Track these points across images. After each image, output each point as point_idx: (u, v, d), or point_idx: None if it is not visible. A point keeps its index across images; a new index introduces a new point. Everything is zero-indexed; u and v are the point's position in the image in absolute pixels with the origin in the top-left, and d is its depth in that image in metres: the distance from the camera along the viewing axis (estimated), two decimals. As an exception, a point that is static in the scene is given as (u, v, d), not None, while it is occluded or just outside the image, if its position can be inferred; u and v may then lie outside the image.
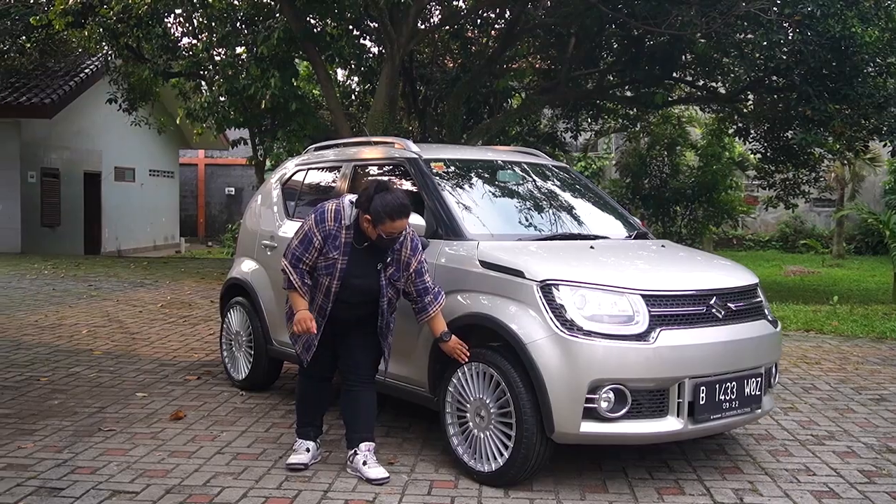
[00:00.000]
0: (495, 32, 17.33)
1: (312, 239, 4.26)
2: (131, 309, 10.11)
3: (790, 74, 12.92)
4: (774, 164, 17.40)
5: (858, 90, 12.76)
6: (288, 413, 5.60)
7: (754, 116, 16.61)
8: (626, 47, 15.78)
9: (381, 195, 4.11)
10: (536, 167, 5.60)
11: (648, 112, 19.55)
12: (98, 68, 18.58)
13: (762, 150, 17.03)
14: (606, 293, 4.04)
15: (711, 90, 16.44)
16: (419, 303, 4.31)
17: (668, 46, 14.58)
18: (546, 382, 3.92)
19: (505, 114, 16.63)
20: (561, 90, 16.53)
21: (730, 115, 17.83)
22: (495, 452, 4.14)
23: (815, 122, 13.61)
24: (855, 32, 12.07)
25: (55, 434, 5.03)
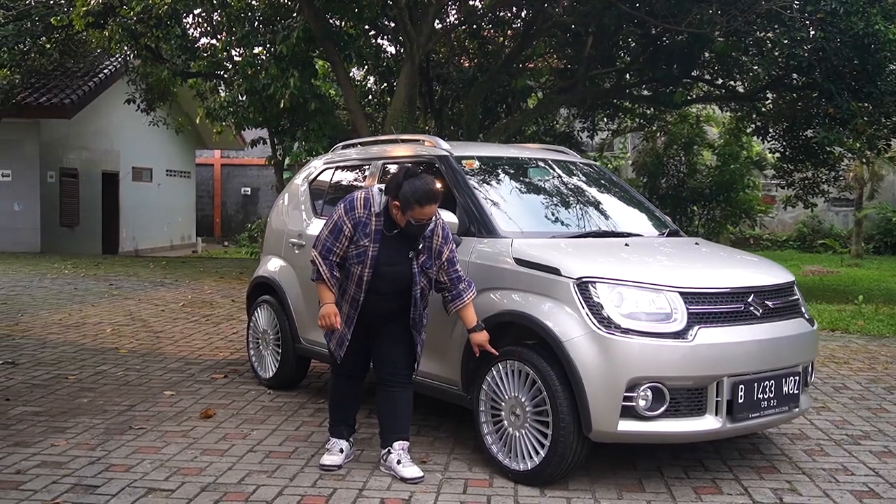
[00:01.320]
0: (511, 32, 17.32)
1: (343, 227, 4.25)
2: (153, 308, 10.14)
3: (812, 72, 12.82)
4: (793, 164, 17.26)
5: (882, 88, 12.66)
6: (317, 411, 5.59)
7: (773, 115, 16.52)
8: (645, 46, 15.72)
9: (409, 181, 4.10)
10: (566, 164, 5.57)
11: (666, 111, 19.50)
12: (117, 69, 18.66)
13: (781, 150, 16.91)
14: (644, 291, 4.00)
15: (730, 89, 16.35)
16: (453, 290, 4.27)
17: (687, 45, 14.51)
18: (584, 380, 3.89)
19: (523, 113, 16.59)
20: (579, 89, 16.47)
21: (748, 114, 17.73)
22: (531, 451, 4.12)
23: (837, 121, 13.53)
24: (878, 30, 11.98)
25: (87, 432, 5.04)
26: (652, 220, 5.29)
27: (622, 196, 5.50)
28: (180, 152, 24.20)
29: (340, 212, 4.28)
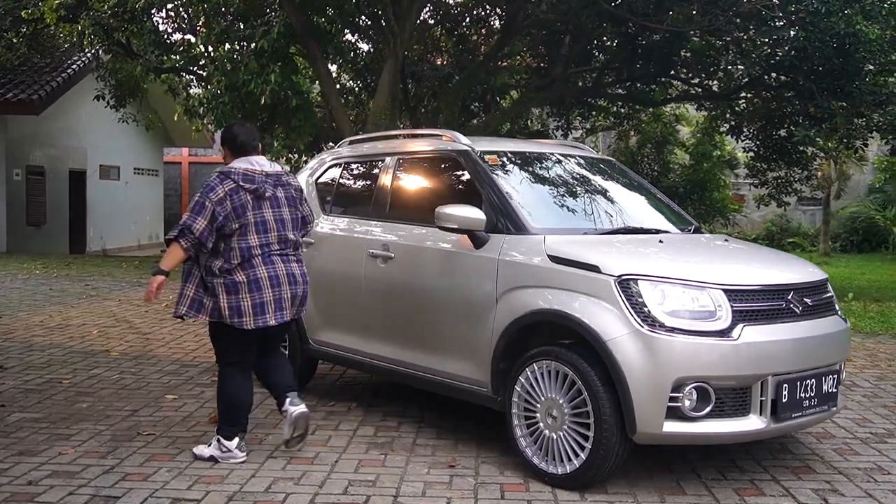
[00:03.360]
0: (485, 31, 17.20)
1: None
2: (135, 309, 9.85)
3: (793, 72, 12.90)
4: (767, 163, 17.39)
5: (861, 87, 12.79)
6: (329, 414, 5.43)
7: (748, 115, 16.61)
8: (623, 45, 15.71)
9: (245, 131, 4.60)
10: (586, 160, 5.46)
11: (640, 110, 19.55)
12: (85, 64, 18.21)
13: (755, 149, 17.03)
14: (687, 288, 3.91)
15: (707, 88, 16.41)
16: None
17: (665, 44, 14.51)
18: (628, 381, 3.78)
19: (502, 111, 16.51)
20: (557, 88, 16.44)
21: (722, 114, 17.83)
22: (570, 454, 4.00)
23: (817, 120, 13.64)
24: (859, 30, 12.08)
25: (93, 439, 4.81)
26: (674, 217, 5.20)
27: (642, 192, 5.41)
28: (148, 150, 23.73)
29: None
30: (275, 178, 4.51)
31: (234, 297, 4.35)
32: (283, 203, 4.50)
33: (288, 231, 4.50)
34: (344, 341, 5.47)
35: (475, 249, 4.52)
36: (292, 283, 4.47)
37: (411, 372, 4.95)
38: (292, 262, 4.52)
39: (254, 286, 4.35)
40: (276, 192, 4.48)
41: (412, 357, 4.92)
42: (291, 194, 4.57)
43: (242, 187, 4.38)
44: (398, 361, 5.03)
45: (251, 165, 4.47)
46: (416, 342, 4.90)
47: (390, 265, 5.04)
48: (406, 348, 4.97)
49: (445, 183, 5.18)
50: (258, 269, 4.37)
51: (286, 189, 4.54)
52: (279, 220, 4.47)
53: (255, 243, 4.38)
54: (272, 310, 4.39)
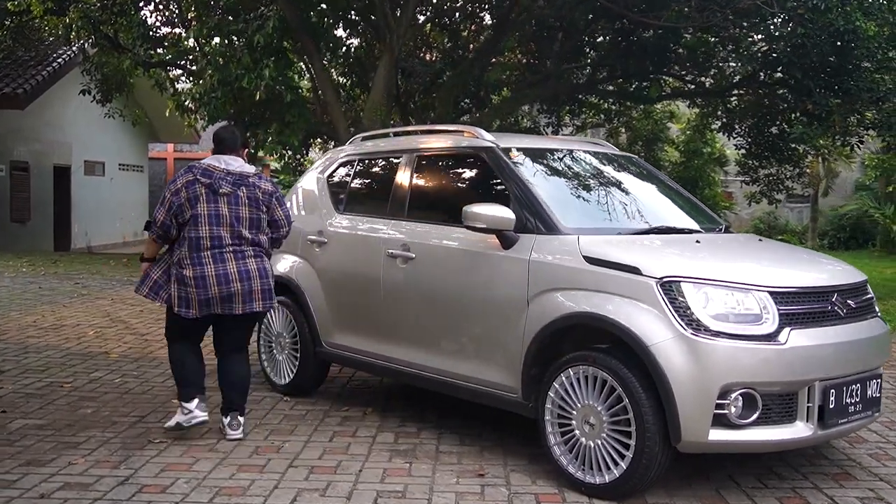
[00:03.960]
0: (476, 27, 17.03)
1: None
2: (130, 308, 9.61)
3: (791, 69, 12.81)
4: (758, 160, 17.35)
5: (858, 85, 12.72)
6: (345, 420, 5.24)
7: (741, 112, 16.55)
8: (617, 41, 15.60)
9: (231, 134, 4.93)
10: (609, 157, 5.31)
11: (631, 107, 19.45)
12: (70, 58, 17.88)
13: (746, 146, 16.98)
14: (732, 290, 3.76)
15: (700, 85, 16.32)
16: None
17: (660, 40, 14.40)
18: (672, 387, 3.63)
19: (495, 107, 16.35)
20: (551, 84, 16.30)
21: (714, 111, 17.76)
22: (609, 463, 3.85)
23: (815, 117, 13.58)
24: (858, 26, 12.02)
25: (102, 447, 4.61)
26: (703, 216, 5.06)
27: (668, 190, 5.27)
28: (133, 146, 23.38)
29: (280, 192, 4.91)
30: (237, 177, 4.73)
31: (184, 288, 4.68)
32: (244, 202, 4.70)
33: (243, 228, 4.69)
34: (360, 344, 5.29)
35: (504, 250, 4.36)
36: (244, 279, 4.67)
37: (434, 376, 4.78)
38: (248, 258, 4.72)
39: (200, 282, 4.62)
40: (236, 191, 4.69)
41: (435, 361, 4.75)
42: (256, 195, 4.75)
43: (199, 181, 4.67)
44: (420, 365, 4.86)
45: (216, 162, 4.76)
46: (439, 345, 4.72)
47: (411, 266, 4.86)
48: (429, 352, 4.79)
49: (468, 181, 5.01)
50: (206, 267, 4.63)
51: (251, 189, 4.73)
52: (235, 217, 4.68)
53: (204, 234, 4.63)
54: (217, 304, 4.67)
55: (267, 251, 4.88)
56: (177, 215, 4.66)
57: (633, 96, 16.40)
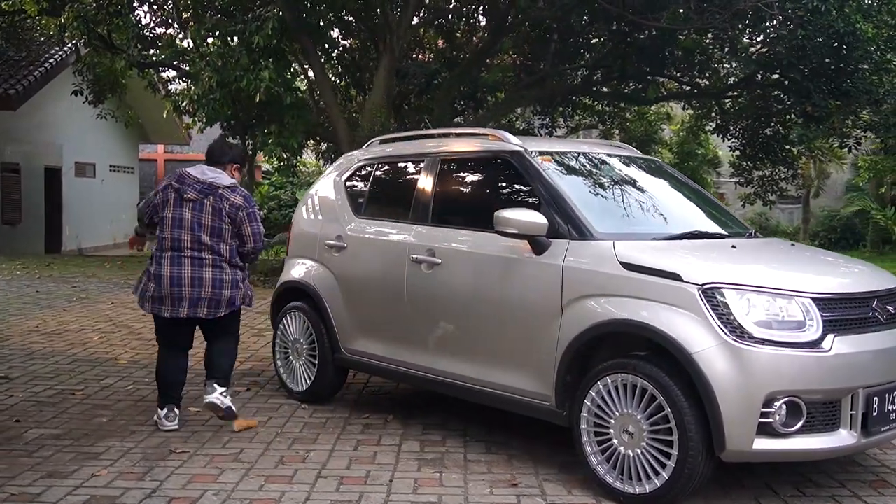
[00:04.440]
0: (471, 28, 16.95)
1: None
2: (132, 312, 9.47)
3: (792, 70, 12.81)
4: (753, 161, 17.38)
5: (858, 86, 12.75)
6: (367, 428, 5.16)
7: (736, 113, 16.57)
8: (614, 42, 15.57)
9: (234, 147, 5.26)
10: (634, 160, 5.26)
11: (624, 108, 19.45)
12: (62, 58, 17.69)
13: (741, 147, 17.00)
14: (775, 297, 3.70)
15: (697, 86, 16.31)
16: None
17: (658, 42, 14.38)
18: (717, 395, 3.57)
19: (492, 109, 16.28)
20: (548, 85, 16.26)
21: (708, 112, 17.77)
22: (649, 472, 3.78)
23: (814, 119, 13.60)
24: (858, 28, 12.03)
25: (124, 458, 4.51)
26: (731, 220, 5.01)
27: (694, 194, 5.21)
28: (123, 147, 23.17)
29: (256, 210, 5.05)
30: (206, 186, 4.92)
31: (143, 284, 5.03)
32: (208, 210, 4.89)
33: (204, 235, 4.87)
34: (381, 350, 5.21)
35: (535, 255, 4.29)
36: (195, 286, 4.87)
37: (460, 383, 4.70)
38: (205, 266, 4.90)
39: (155, 280, 4.91)
40: (202, 199, 4.89)
41: (462, 367, 4.67)
42: (222, 206, 4.91)
43: (172, 185, 4.95)
44: (445, 372, 4.78)
45: (193, 171, 5.01)
46: (467, 352, 4.65)
47: (437, 271, 4.78)
48: (455, 358, 4.71)
49: (495, 185, 4.94)
50: (163, 267, 4.89)
51: (217, 200, 4.90)
52: (196, 222, 4.87)
53: (167, 236, 4.90)
54: (168, 304, 4.90)
55: (231, 261, 4.98)
56: (151, 215, 5.03)
57: (631, 98, 16.38)
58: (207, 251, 4.90)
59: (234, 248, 4.99)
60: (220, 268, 4.93)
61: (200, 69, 12.21)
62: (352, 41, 16.25)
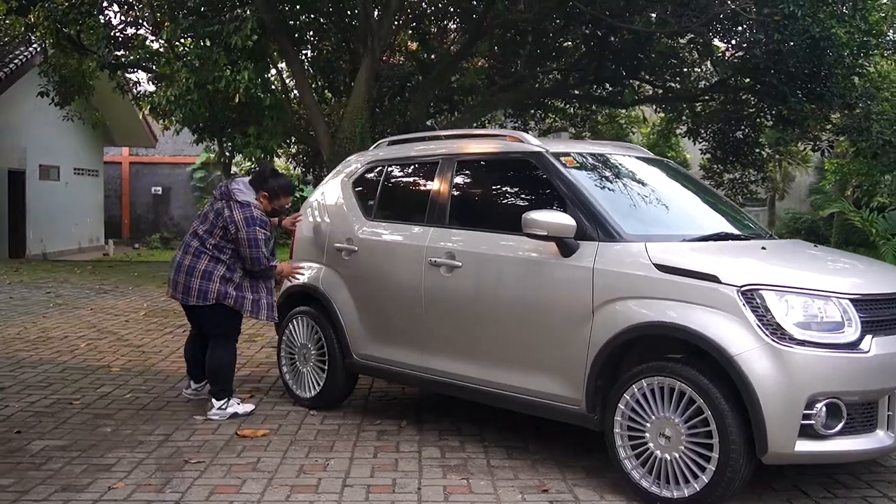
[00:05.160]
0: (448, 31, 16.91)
1: (267, 238, 5.28)
2: (114, 319, 9.25)
3: (768, 75, 12.95)
4: (723, 164, 17.58)
5: (832, 90, 12.95)
6: (382, 434, 5.06)
7: (708, 116, 16.74)
8: (590, 46, 15.63)
9: (275, 178, 5.43)
10: (648, 161, 5.23)
11: (596, 111, 19.55)
12: (28, 59, 17.28)
13: (712, 150, 17.19)
14: (813, 298, 3.69)
15: (671, 90, 16.43)
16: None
17: (634, 45, 14.46)
18: (760, 398, 3.55)
19: (469, 111, 16.22)
20: (525, 87, 16.27)
21: (679, 115, 17.92)
22: (688, 476, 3.75)
23: (790, 122, 13.78)
24: (834, 33, 12.22)
25: (138, 469, 4.36)
26: (748, 222, 5.00)
27: (708, 194, 5.20)
28: (88, 149, 22.67)
29: (255, 231, 5.18)
30: (226, 192, 5.32)
31: None
32: (214, 209, 5.31)
33: (201, 227, 5.32)
34: (396, 355, 5.11)
35: (563, 258, 4.23)
36: (177, 270, 5.32)
37: (482, 388, 4.63)
38: (189, 253, 5.30)
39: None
40: (217, 200, 5.34)
41: (484, 372, 4.60)
42: (222, 211, 5.25)
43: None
44: (465, 377, 4.70)
45: (235, 180, 5.45)
46: (489, 356, 4.58)
47: (457, 274, 4.71)
48: (476, 362, 4.64)
49: (516, 186, 4.88)
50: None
51: (224, 204, 5.26)
52: (202, 218, 5.39)
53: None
54: (169, 285, 5.48)
55: (213, 255, 5.24)
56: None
57: (608, 101, 16.46)
58: (196, 240, 5.31)
59: (224, 246, 5.25)
60: (197, 257, 5.28)
61: (177, 70, 11.99)
62: (326, 44, 16.10)
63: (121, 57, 14.74)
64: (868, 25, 12.75)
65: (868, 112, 13.49)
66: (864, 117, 13.54)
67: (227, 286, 5.28)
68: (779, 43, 12.37)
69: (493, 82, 16.22)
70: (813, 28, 12.07)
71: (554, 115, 19.56)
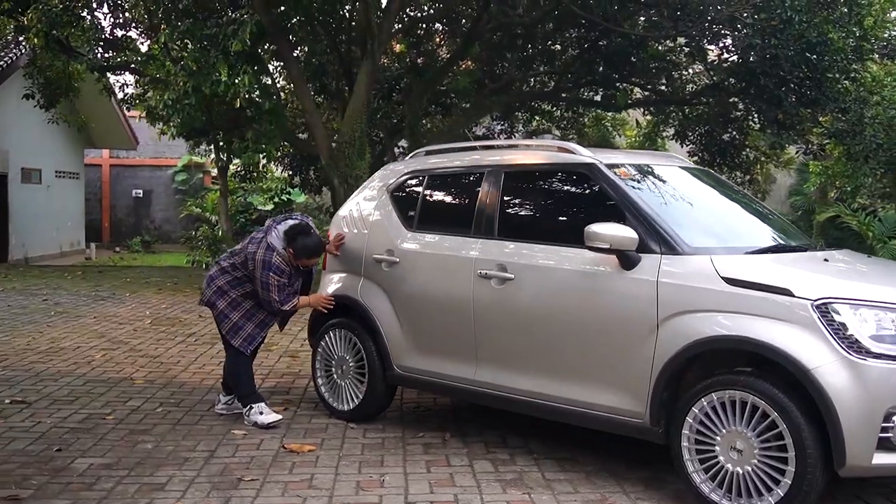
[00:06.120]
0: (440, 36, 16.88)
1: (283, 283, 5.36)
2: (120, 327, 9.11)
3: (764, 78, 13.05)
4: (710, 167, 17.69)
5: (827, 94, 13.09)
6: (428, 448, 5.01)
7: (696, 119, 16.85)
8: (583, 49, 15.68)
9: (301, 238, 5.41)
10: (693, 172, 5.23)
11: (582, 114, 19.61)
12: (13, 61, 16.97)
13: (699, 153, 17.29)
14: (886, 311, 3.71)
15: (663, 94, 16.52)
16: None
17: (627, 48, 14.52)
18: (839, 411, 3.55)
19: (463, 113, 16.21)
20: (516, 91, 16.29)
21: (666, 118, 18.02)
22: (762, 489, 3.75)
23: (784, 126, 13.91)
24: (830, 38, 12.35)
25: (192, 488, 4.28)
26: (797, 231, 5.03)
27: (753, 203, 5.22)
28: (69, 152, 22.31)
29: (275, 277, 5.32)
30: (264, 231, 5.50)
31: None
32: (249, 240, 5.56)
33: (237, 247, 5.65)
34: (441, 367, 5.06)
35: (624, 270, 4.22)
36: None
37: (535, 401, 4.59)
38: (217, 265, 5.64)
39: None
40: (254, 235, 5.57)
41: (539, 385, 4.56)
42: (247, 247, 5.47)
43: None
44: (518, 389, 4.66)
45: (281, 222, 5.59)
46: (544, 369, 4.54)
47: (509, 287, 4.67)
48: (530, 375, 4.60)
49: (569, 198, 4.85)
50: None
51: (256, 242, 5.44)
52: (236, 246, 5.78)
53: None
54: None
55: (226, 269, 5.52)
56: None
57: (602, 104, 16.53)
58: (227, 259, 5.61)
59: (239, 266, 5.48)
60: (220, 270, 5.55)
61: (174, 74, 11.83)
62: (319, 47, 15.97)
63: (110, 59, 14.54)
64: (863, 30, 12.91)
65: (861, 116, 13.66)
66: (857, 121, 13.72)
67: (220, 297, 5.51)
68: (775, 48, 12.49)
69: (482, 85, 16.22)
70: (809, 32, 12.20)
71: (540, 118, 19.63)
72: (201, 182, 25.06)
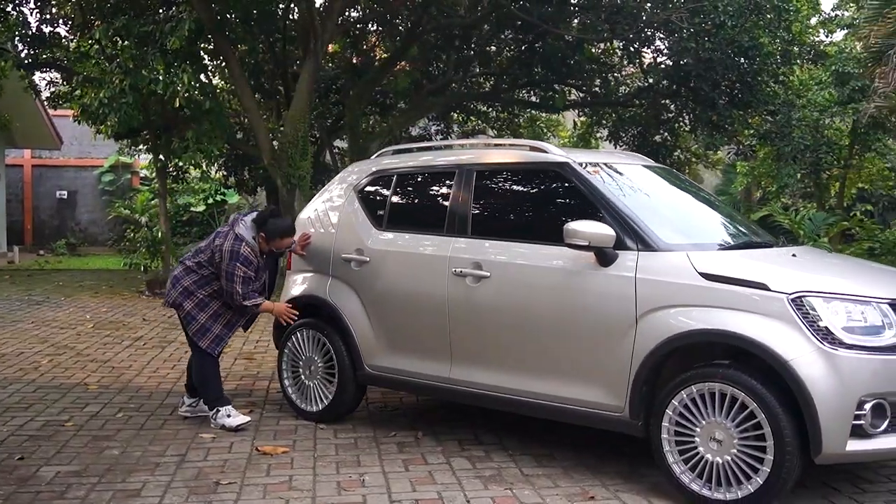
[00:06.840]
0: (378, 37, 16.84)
1: (249, 276, 5.26)
2: (62, 332, 8.83)
3: (699, 81, 13.42)
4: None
5: (758, 97, 13.56)
6: (402, 446, 5.01)
7: (630, 120, 17.21)
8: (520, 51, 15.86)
9: (273, 220, 5.38)
10: (658, 170, 5.35)
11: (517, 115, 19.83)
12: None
13: (632, 153, 17.61)
14: (857, 304, 3.87)
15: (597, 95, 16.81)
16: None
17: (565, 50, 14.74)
18: (816, 401, 3.69)
19: (403, 114, 16.20)
20: (454, 92, 16.36)
21: (600, 119, 18.36)
22: (741, 478, 3.87)
23: (718, 127, 14.33)
24: (761, 43, 12.79)
25: (169, 493, 4.19)
26: (760, 229, 5.19)
27: (715, 201, 5.38)
28: (-12, 152, 21.48)
29: (241, 268, 5.22)
30: (231, 224, 5.40)
31: None
32: (212, 236, 5.49)
33: (200, 245, 5.53)
34: (416, 366, 5.06)
35: (601, 267, 4.30)
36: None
37: (511, 397, 4.64)
38: (180, 265, 5.52)
39: None
40: (218, 231, 5.47)
41: (516, 382, 4.60)
42: (213, 240, 5.39)
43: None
44: (494, 386, 4.70)
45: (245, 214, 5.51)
46: (522, 365, 4.59)
47: (485, 285, 4.71)
48: (508, 372, 4.65)
49: (543, 197, 4.90)
50: None
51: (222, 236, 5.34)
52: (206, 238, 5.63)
53: None
54: None
55: (192, 268, 5.39)
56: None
57: (540, 106, 16.72)
58: (192, 257, 5.45)
59: (205, 265, 5.36)
60: (185, 269, 5.42)
61: (109, 72, 11.51)
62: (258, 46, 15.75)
63: (37, 56, 14.08)
64: (791, 35, 13.41)
65: (789, 118, 14.20)
66: (785, 123, 14.25)
67: (186, 298, 5.37)
68: (709, 51, 12.87)
69: (420, 86, 16.25)
70: (741, 37, 12.61)
71: (476, 118, 19.77)
72: (129, 183, 24.40)
